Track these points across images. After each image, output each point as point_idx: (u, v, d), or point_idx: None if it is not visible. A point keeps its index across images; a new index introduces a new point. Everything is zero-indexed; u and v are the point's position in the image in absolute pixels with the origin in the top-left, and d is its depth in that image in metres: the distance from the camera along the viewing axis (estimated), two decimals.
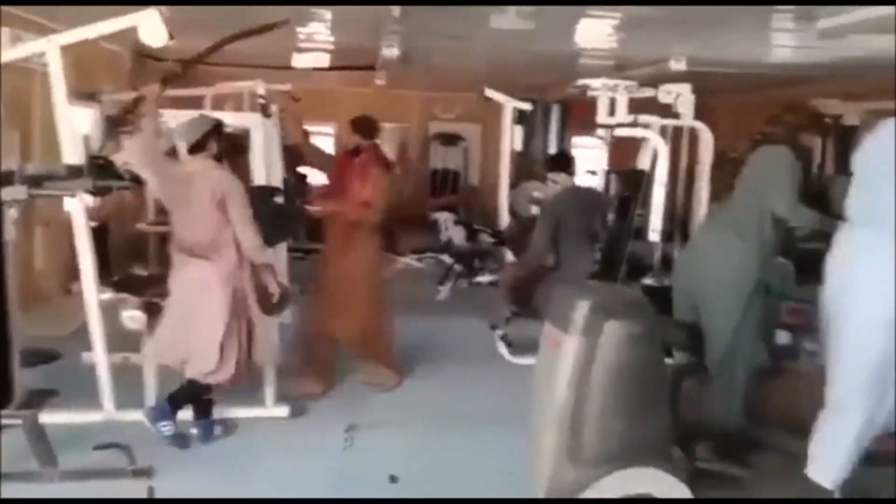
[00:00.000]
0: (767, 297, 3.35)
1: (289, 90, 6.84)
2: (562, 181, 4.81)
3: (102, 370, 3.62)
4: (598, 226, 4.86)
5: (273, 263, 3.69)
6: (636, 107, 4.98)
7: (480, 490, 3.05)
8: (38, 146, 5.24)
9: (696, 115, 5.06)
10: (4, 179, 3.12)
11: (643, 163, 5.07)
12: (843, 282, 2.74)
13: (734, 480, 3.08)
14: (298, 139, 4.93)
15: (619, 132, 4.92)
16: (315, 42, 6.31)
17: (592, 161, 8.05)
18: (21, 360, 3.23)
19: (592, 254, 4.72)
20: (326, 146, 9.87)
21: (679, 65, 5.94)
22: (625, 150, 6.50)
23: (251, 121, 4.21)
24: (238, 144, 4.04)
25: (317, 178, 5.48)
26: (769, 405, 3.61)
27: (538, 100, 7.97)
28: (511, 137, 6.58)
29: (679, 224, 5.52)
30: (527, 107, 6.73)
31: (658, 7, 4.21)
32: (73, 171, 3.43)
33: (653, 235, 4.54)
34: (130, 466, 3.11)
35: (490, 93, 6.20)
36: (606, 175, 7.01)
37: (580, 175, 9.02)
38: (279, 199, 4.04)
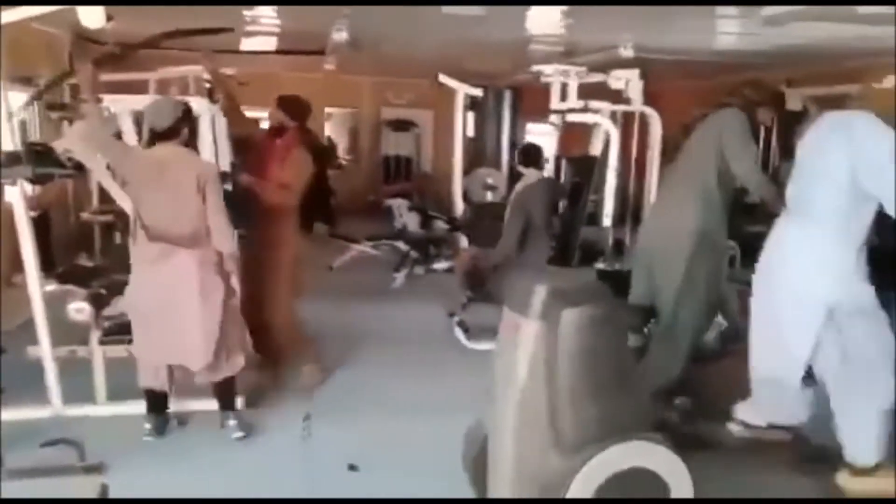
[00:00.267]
0: (714, 255, 3.43)
1: (235, 75, 6.69)
2: (532, 175, 4.88)
3: (49, 364, 3.51)
4: (554, 213, 4.91)
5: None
6: (587, 93, 5.04)
7: (440, 476, 3.06)
8: None
9: (644, 102, 5.14)
10: None
11: (595, 149, 5.13)
12: (774, 269, 2.83)
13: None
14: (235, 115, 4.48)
15: (571, 117, 4.97)
16: (262, 25, 6.18)
17: (544, 147, 8.10)
18: None
19: (550, 241, 4.78)
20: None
21: (627, 51, 6.02)
22: (575, 137, 6.57)
23: (197, 105, 4.10)
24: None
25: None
26: (710, 389, 3.70)
27: (490, 86, 7.98)
28: (464, 123, 6.58)
29: (631, 209, 5.62)
30: (478, 93, 6.75)
31: None
32: (11, 159, 3.30)
33: (605, 220, 4.61)
34: (81, 463, 3.03)
35: (443, 78, 6.19)
36: (557, 161, 7.07)
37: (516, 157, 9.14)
38: (227, 186, 3.96)
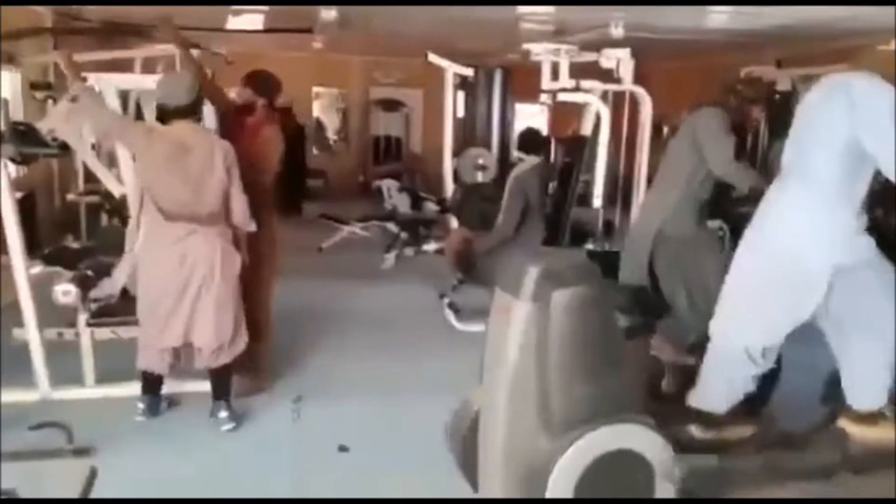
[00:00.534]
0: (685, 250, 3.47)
1: (223, 53, 6.60)
2: (531, 161, 4.87)
3: (35, 347, 3.49)
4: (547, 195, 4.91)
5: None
6: (578, 73, 5.00)
7: (431, 457, 3.06)
8: None
9: (634, 82, 5.11)
10: None
11: (585, 129, 5.10)
12: (768, 234, 2.82)
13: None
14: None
15: (562, 97, 4.93)
16: (250, 3, 6.08)
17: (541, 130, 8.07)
18: None
19: (543, 222, 4.78)
20: None
21: (617, 30, 5.96)
22: (566, 117, 6.55)
23: None
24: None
25: None
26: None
27: (480, 65, 7.92)
28: (454, 103, 6.53)
29: (622, 190, 5.60)
30: (469, 72, 6.69)
31: None
32: None
33: (596, 201, 4.61)
34: (70, 446, 3.02)
35: (433, 58, 6.12)
36: (548, 142, 7.04)
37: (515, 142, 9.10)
38: None
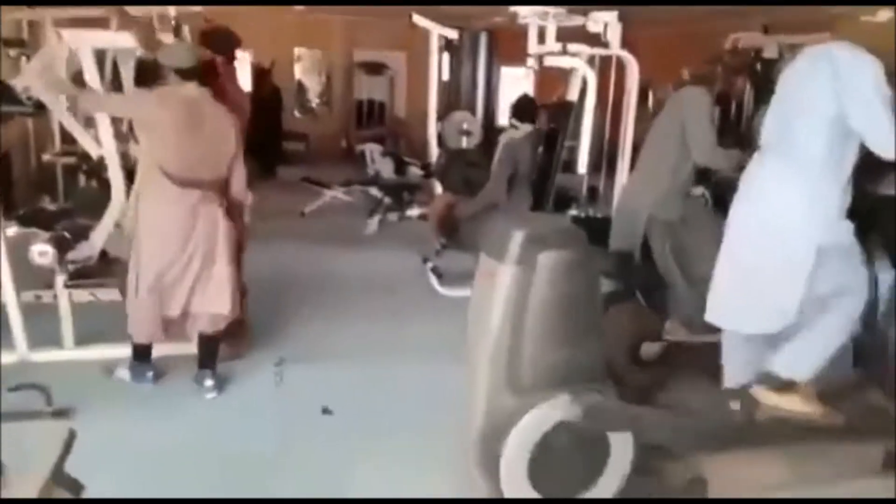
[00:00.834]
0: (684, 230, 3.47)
1: (201, 12, 6.43)
2: (524, 129, 4.84)
3: (13, 309, 3.44)
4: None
5: None
6: (565, 37, 4.92)
7: (414, 421, 3.08)
8: None
9: (621, 48, 5.04)
10: None
11: (571, 95, 5.05)
12: (755, 213, 2.82)
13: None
14: None
15: (549, 61, 4.87)
16: None
17: (518, 93, 7.97)
18: None
19: (530, 190, 4.76)
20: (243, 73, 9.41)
21: None
22: (551, 82, 6.47)
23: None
24: (153, 70, 3.79)
25: None
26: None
27: (465, 28, 7.80)
28: (439, 66, 6.44)
29: (607, 156, 5.59)
30: (454, 34, 6.58)
31: None
32: None
33: (581, 168, 4.59)
34: (49, 408, 2.99)
35: (417, 19, 6.01)
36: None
37: (506, 108, 9.01)
38: None
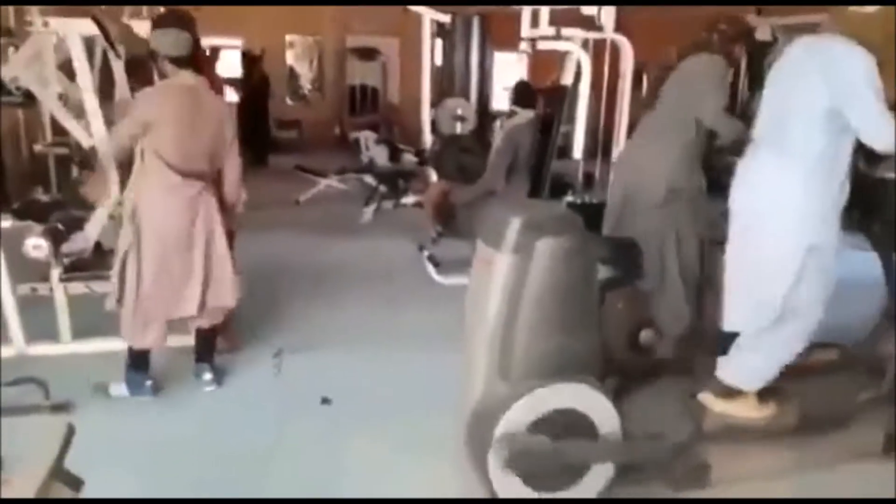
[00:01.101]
0: (691, 205, 3.41)
1: None
2: (526, 114, 4.82)
3: (8, 303, 3.43)
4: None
5: None
6: (558, 20, 4.89)
7: (411, 410, 3.08)
8: None
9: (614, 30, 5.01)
10: None
11: (566, 79, 5.02)
12: (750, 208, 2.81)
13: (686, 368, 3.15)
14: None
15: (542, 45, 4.84)
16: None
17: (511, 77, 7.93)
18: None
19: (528, 177, 4.75)
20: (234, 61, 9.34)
21: None
22: (544, 67, 6.45)
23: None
24: (141, 59, 3.74)
25: None
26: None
27: (458, 12, 7.74)
28: (432, 52, 6.39)
29: (602, 140, 5.57)
30: (446, 19, 6.53)
31: None
32: None
33: (576, 153, 4.57)
34: (48, 402, 2.99)
35: (409, 3, 5.97)
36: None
37: (499, 93, 8.95)
38: None
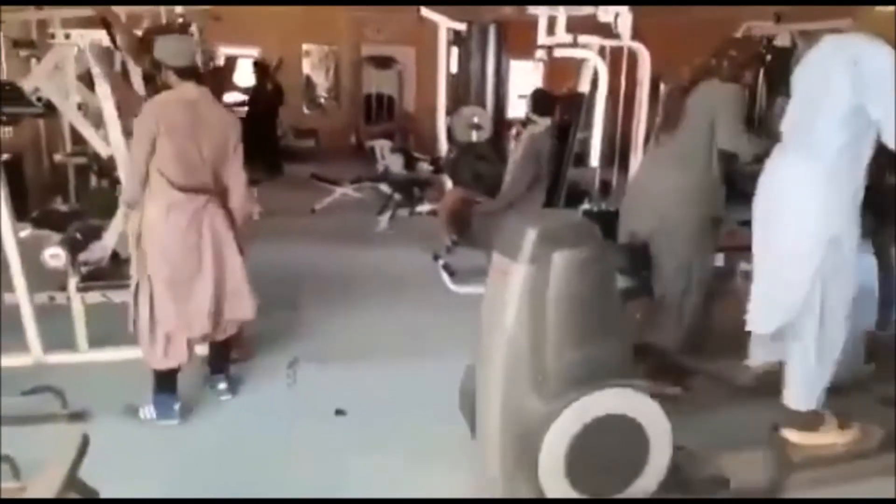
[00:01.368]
0: (714, 229, 3.38)
1: (209, 9, 6.41)
2: (543, 123, 4.83)
3: (26, 312, 3.45)
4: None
5: None
6: (575, 27, 4.87)
7: (427, 420, 3.06)
8: None
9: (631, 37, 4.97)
10: None
11: (582, 87, 4.99)
12: (773, 206, 2.77)
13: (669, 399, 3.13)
14: None
15: (559, 53, 4.81)
16: None
17: (527, 85, 7.90)
18: None
19: (546, 185, 4.73)
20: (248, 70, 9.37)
21: None
22: (560, 74, 6.42)
23: None
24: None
25: None
26: (704, 328, 3.69)
27: (474, 20, 7.74)
28: (447, 60, 6.38)
29: (619, 148, 5.52)
30: (462, 27, 6.53)
31: None
32: None
33: (593, 161, 4.54)
34: (65, 411, 2.99)
35: (426, 12, 5.96)
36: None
37: (515, 101, 8.93)
38: None
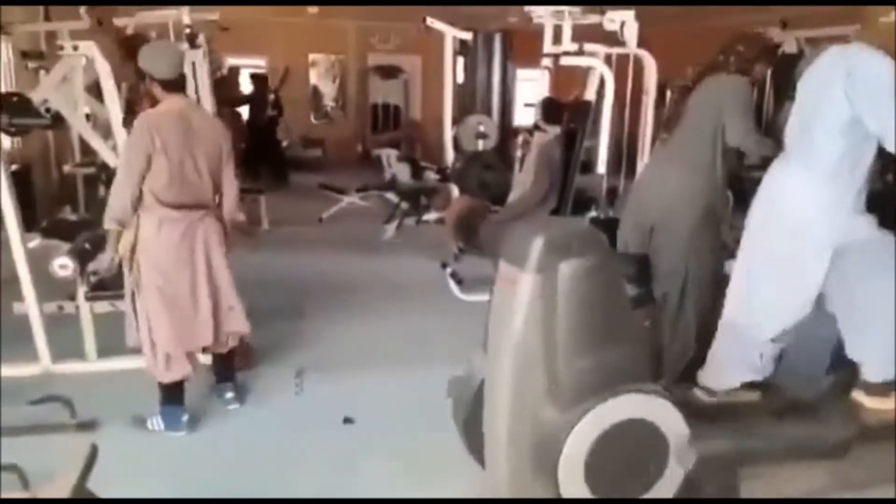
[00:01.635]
0: (717, 228, 3.36)
1: (216, 20, 6.47)
2: (553, 131, 4.85)
3: (35, 321, 3.46)
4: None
5: None
6: (580, 36, 4.88)
7: (435, 429, 3.05)
8: None
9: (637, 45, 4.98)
10: None
11: (589, 94, 5.00)
12: (772, 214, 2.76)
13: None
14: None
15: (565, 61, 4.82)
16: None
17: (533, 94, 7.90)
18: None
19: (557, 193, 4.73)
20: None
21: None
22: (566, 83, 6.42)
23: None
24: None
25: None
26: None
27: (479, 30, 7.78)
28: (454, 69, 6.41)
29: (626, 156, 5.52)
30: (468, 37, 6.56)
31: None
32: None
33: (600, 168, 4.54)
34: (73, 420, 3.00)
35: (431, 21, 6.00)
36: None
37: (520, 109, 8.93)
38: None
